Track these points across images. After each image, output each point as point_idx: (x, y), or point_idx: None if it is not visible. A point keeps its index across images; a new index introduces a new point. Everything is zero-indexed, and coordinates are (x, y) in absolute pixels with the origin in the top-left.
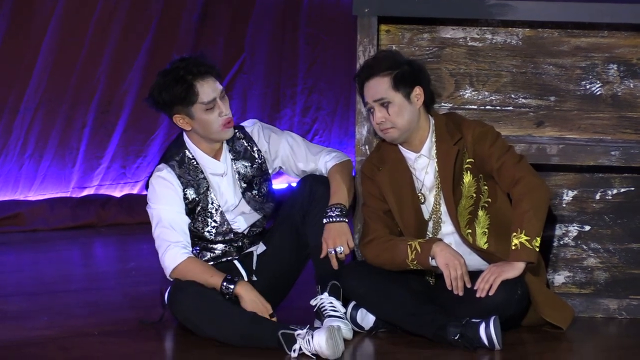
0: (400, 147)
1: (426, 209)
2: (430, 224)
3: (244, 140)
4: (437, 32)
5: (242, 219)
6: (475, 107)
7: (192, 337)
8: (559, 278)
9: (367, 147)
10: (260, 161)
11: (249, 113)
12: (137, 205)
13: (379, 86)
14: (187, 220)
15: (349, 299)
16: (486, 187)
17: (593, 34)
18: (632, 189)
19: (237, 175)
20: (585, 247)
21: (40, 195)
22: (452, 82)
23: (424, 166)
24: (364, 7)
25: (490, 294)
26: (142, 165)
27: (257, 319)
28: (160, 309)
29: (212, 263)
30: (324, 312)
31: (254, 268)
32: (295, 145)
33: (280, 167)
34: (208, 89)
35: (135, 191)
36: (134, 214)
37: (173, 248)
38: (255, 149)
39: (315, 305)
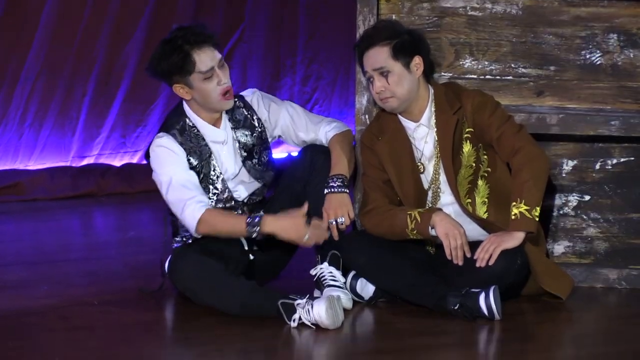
0: (399, 116)
1: (425, 179)
2: (430, 193)
3: (243, 109)
4: (436, 2)
5: (242, 188)
6: (475, 76)
7: (192, 306)
8: (559, 248)
9: (367, 116)
10: (260, 130)
11: (249, 82)
12: (136, 174)
13: (379, 55)
14: (195, 176)
15: (349, 268)
16: (486, 157)
17: (593, 4)
18: (632, 158)
19: (237, 144)
20: (585, 217)
21: (40, 165)
22: (452, 51)
23: (423, 135)
24: None
25: (490, 263)
26: (142, 135)
27: (257, 289)
28: (160, 278)
29: None
30: (323, 282)
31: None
32: (296, 115)
33: (280, 136)
34: (205, 58)
35: (135, 160)
36: (133, 184)
37: (189, 205)
38: (255, 117)
39: (315, 274)
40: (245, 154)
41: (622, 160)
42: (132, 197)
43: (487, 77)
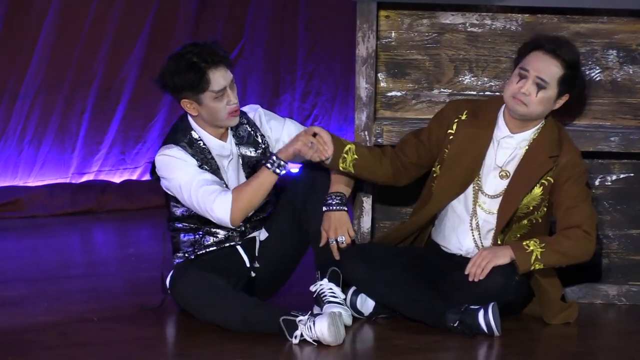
0: (501, 116)
1: (484, 183)
2: (476, 196)
3: (247, 126)
4: (436, 18)
5: None
6: (475, 92)
7: (193, 322)
8: None
9: (366, 132)
10: (264, 146)
11: (249, 99)
12: (136, 191)
13: (552, 69)
14: (211, 174)
15: (349, 284)
16: (545, 209)
17: (592, 20)
18: (632, 174)
19: (241, 160)
20: None
21: (39, 181)
22: (451, 67)
23: (507, 147)
24: None
25: (481, 277)
26: (141, 151)
27: (259, 305)
28: (162, 294)
29: (214, 248)
30: (323, 298)
31: (256, 254)
32: (297, 133)
33: None
34: (220, 77)
35: (134, 177)
36: (133, 200)
37: (217, 198)
38: (258, 134)
39: (315, 291)
40: (249, 169)
41: (622, 176)
42: (132, 214)
43: (487, 93)
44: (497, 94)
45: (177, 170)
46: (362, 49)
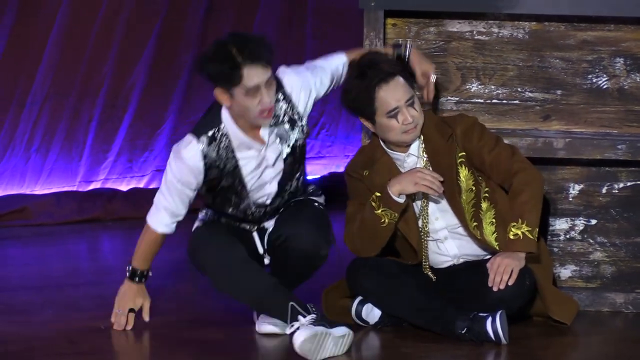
0: (387, 149)
1: (416, 206)
2: (420, 220)
3: (283, 102)
4: (443, 26)
5: (274, 185)
6: (482, 100)
7: (199, 331)
8: (565, 272)
9: None
10: (301, 123)
11: None
12: (143, 199)
13: (403, 85)
14: (186, 204)
15: (357, 294)
16: (481, 178)
17: (600, 28)
18: (639, 182)
19: (277, 141)
20: (591, 241)
21: (46, 189)
22: (458, 75)
23: (413, 164)
24: (371, 0)
25: (510, 283)
26: (148, 159)
27: (276, 287)
28: (166, 301)
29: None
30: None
31: (265, 246)
32: (320, 71)
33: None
34: (254, 75)
35: (141, 185)
36: (140, 208)
37: (164, 212)
38: (295, 111)
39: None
40: (288, 149)
41: (629, 184)
42: (139, 222)
43: (494, 101)
44: (504, 101)
45: (175, 173)
46: None
